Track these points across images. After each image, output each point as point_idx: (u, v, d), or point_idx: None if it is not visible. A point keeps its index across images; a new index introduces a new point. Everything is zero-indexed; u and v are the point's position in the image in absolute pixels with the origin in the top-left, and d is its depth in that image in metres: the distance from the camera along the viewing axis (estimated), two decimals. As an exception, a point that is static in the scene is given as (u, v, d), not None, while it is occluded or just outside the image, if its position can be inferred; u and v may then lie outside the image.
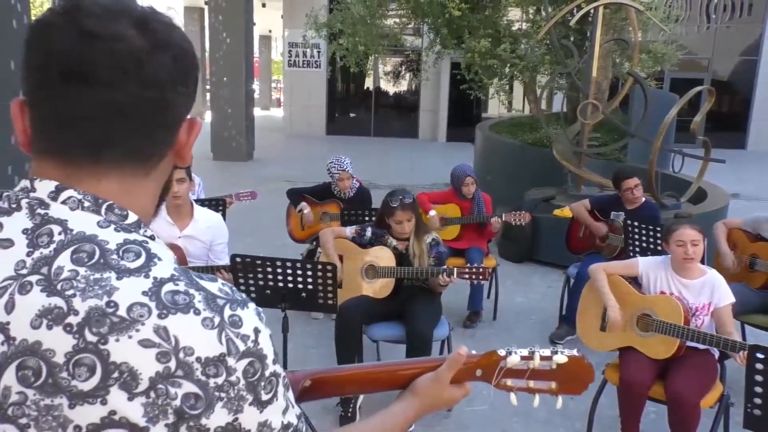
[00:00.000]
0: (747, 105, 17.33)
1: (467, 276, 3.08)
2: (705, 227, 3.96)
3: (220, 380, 0.61)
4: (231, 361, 0.62)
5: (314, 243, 4.27)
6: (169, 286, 0.62)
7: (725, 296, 2.68)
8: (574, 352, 0.99)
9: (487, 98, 15.06)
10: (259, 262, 2.76)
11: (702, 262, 3.52)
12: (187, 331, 0.61)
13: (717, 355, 2.76)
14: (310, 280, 2.79)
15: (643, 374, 2.62)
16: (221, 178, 9.47)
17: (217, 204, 3.94)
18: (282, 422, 0.67)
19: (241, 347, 0.63)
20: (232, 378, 0.62)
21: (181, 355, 0.60)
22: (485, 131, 8.81)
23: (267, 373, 0.65)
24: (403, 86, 19.78)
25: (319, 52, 16.55)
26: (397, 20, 9.17)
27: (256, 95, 22.01)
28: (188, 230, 3.18)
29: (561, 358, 0.97)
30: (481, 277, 3.07)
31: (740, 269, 3.65)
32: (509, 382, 1.00)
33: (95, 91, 0.63)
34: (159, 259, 0.65)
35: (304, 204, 4.49)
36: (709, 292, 2.69)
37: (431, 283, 3.25)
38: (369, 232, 3.40)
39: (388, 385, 1.04)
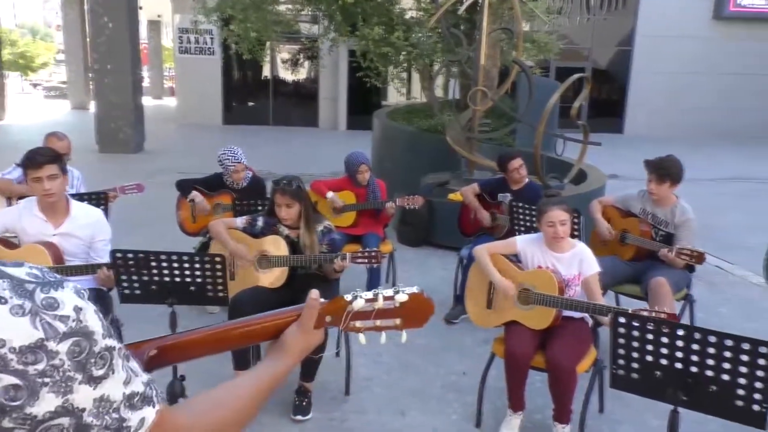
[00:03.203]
0: (623, 92, 18.69)
1: (360, 260, 3.11)
2: (584, 206, 4.26)
3: (41, 366, 0.60)
4: (51, 345, 0.60)
5: (207, 236, 4.15)
6: None
7: (592, 266, 2.89)
8: (414, 289, 1.06)
9: (386, 86, 15.22)
10: (141, 256, 2.64)
11: (579, 236, 3.79)
12: None
13: (591, 323, 2.98)
14: (198, 273, 2.71)
15: (525, 346, 2.78)
16: (108, 172, 8.92)
17: (97, 198, 3.73)
18: (124, 393, 0.67)
19: (62, 328, 0.61)
20: (56, 361, 0.60)
21: None
22: (382, 119, 8.90)
23: (97, 349, 0.64)
24: (302, 74, 19.56)
25: (212, 38, 15.96)
26: (290, 6, 9.02)
27: (145, 83, 20.90)
28: (64, 227, 2.99)
29: (402, 296, 1.04)
30: (373, 260, 3.11)
31: (613, 241, 3.94)
32: (357, 323, 1.06)
33: None
34: None
35: (195, 193, 4.35)
36: (578, 264, 2.90)
37: (326, 269, 3.25)
38: (260, 221, 3.35)
39: (244, 340, 1.07)
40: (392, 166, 7.88)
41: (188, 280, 2.72)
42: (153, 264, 2.66)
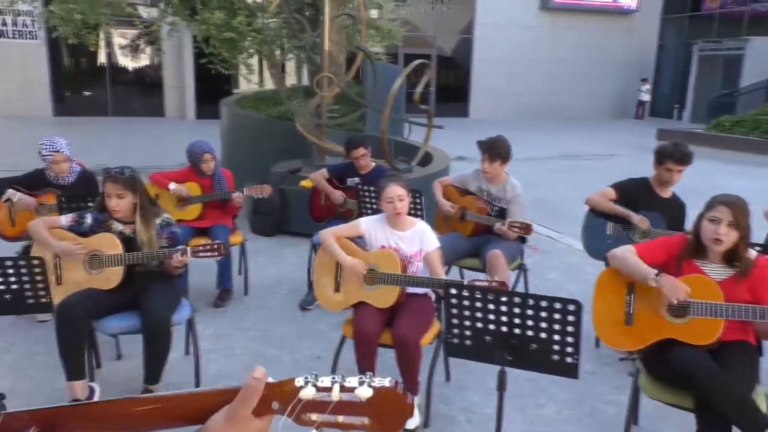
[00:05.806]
0: (467, 78, 19.79)
1: (202, 254, 2.99)
2: (429, 186, 4.45)
3: None
4: None
5: (31, 239, 3.76)
6: None
7: (432, 242, 3.04)
8: (385, 383, 0.79)
9: (235, 73, 14.74)
10: (-61, 266, 2.33)
11: (421, 215, 3.96)
12: None
13: (434, 297, 3.13)
14: (12, 279, 2.45)
15: (372, 324, 2.86)
16: None
17: None
18: None
19: None
20: None
21: None
22: (230, 107, 8.63)
23: None
24: (144, 61, 18.32)
25: (33, 20, 14.38)
26: (122, -13, 8.35)
27: (-46, 71, 18.33)
28: None
29: (366, 391, 0.78)
30: (216, 253, 3.01)
31: (454, 219, 4.17)
32: (314, 416, 0.80)
33: None
34: None
35: (11, 192, 3.91)
36: (419, 240, 3.03)
37: (166, 266, 3.09)
38: (89, 218, 3.09)
39: (156, 423, 0.84)
40: (242, 155, 7.68)
41: (2, 287, 2.45)
42: (-45, 274, 2.36)
